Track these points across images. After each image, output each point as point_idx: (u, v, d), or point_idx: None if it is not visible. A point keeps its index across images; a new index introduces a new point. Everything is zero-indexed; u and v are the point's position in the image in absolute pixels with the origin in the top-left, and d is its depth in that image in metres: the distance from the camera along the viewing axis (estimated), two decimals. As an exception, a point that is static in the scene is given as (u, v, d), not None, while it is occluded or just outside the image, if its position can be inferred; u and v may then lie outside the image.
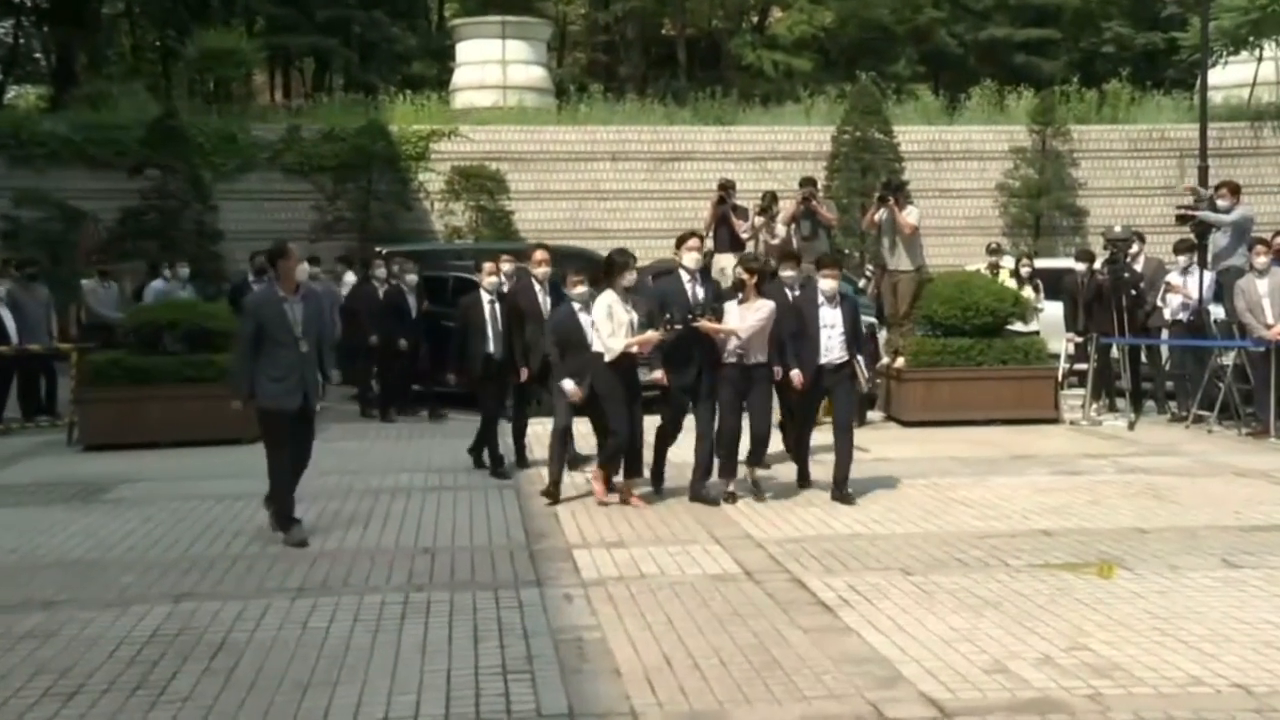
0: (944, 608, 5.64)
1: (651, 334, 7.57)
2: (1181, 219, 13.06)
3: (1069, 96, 21.96)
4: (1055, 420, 11.26)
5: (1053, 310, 13.31)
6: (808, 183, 13.80)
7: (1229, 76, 21.46)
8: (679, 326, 7.54)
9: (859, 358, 8.02)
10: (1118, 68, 23.63)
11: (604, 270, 7.81)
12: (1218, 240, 12.72)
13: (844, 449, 7.92)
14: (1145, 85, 23.22)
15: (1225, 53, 21.11)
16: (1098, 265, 12.57)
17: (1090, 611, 5.54)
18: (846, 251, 13.33)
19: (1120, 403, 12.30)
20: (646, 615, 5.55)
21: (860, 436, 9.07)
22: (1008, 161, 20.59)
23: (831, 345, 7.97)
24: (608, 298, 7.61)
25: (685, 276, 7.87)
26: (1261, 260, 11.22)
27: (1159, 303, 12.54)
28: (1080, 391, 12.32)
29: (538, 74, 23.02)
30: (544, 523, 7.51)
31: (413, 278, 12.65)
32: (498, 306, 9.11)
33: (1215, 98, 20.01)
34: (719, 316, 7.74)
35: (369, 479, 8.92)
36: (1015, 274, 14.32)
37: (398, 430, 11.64)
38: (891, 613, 5.53)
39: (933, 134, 21.18)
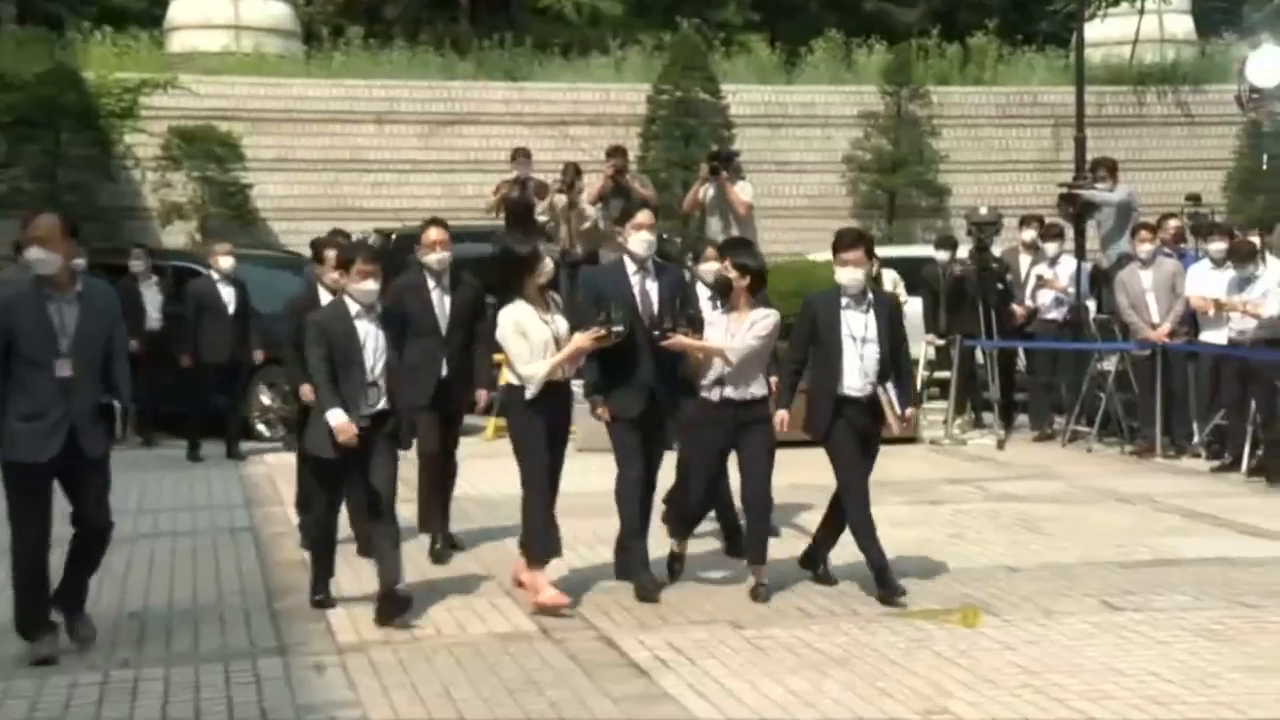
0: (781, 667, 5.78)
1: (580, 339, 6.68)
2: (1067, 198, 13.84)
3: (928, 52, 22.94)
4: (912, 439, 11.74)
5: (910, 308, 13.87)
6: (618, 153, 14.02)
7: (1109, 32, 22.81)
8: (620, 329, 6.66)
9: (889, 389, 6.92)
10: (984, 19, 24.80)
11: (503, 271, 6.80)
12: (1103, 224, 13.54)
13: (834, 527, 7.10)
14: (1015, 40, 24.46)
15: (1104, 3, 22.45)
16: (961, 254, 13.18)
17: (952, 666, 5.78)
18: (665, 236, 13.51)
19: (988, 417, 12.93)
20: (419, 686, 5.52)
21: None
22: (857, 129, 21.33)
23: (863, 368, 6.87)
24: (514, 313, 6.67)
25: (631, 267, 7.06)
26: (1145, 249, 11.97)
27: (1028, 300, 13.24)
28: (942, 404, 12.88)
29: (280, 12, 22.54)
30: (290, 574, 7.40)
31: (139, 264, 12.96)
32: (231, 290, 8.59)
33: (1094, 57, 21.24)
34: (698, 329, 6.86)
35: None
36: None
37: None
38: (719, 675, 5.64)
39: (768, 95, 21.77)
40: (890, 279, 12.67)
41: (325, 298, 7.60)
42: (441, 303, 7.73)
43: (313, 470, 6.95)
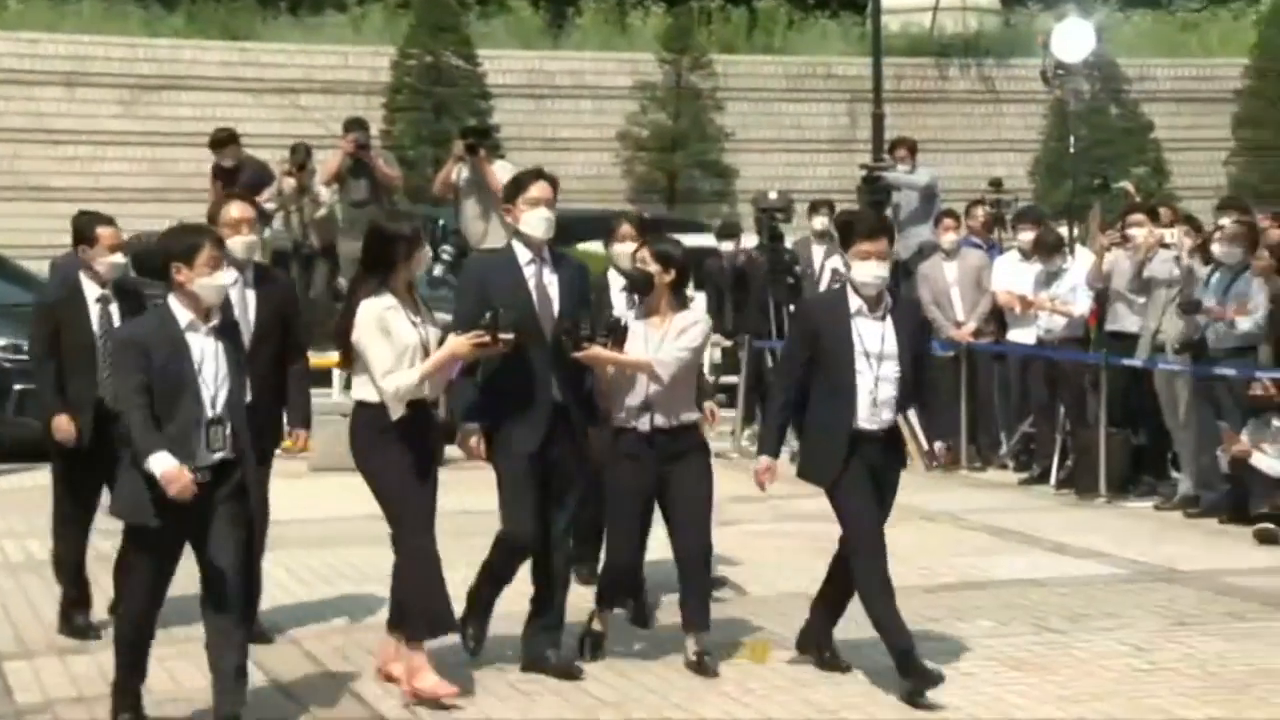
0: (546, 710, 5.84)
1: (457, 342, 5.97)
2: (870, 180, 14.27)
3: (710, 16, 23.37)
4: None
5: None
6: (358, 126, 13.86)
7: (907, -1, 23.67)
8: (508, 336, 5.94)
9: (910, 416, 6.33)
10: (773, -20, 25.42)
11: (369, 255, 6.12)
12: (903, 210, 14.00)
13: (838, 596, 6.41)
14: (807, 5, 25.14)
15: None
16: (748, 243, 13.47)
17: (738, 707, 5.93)
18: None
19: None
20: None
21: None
22: (632, 102, 21.58)
23: (881, 394, 6.12)
24: (378, 307, 5.96)
25: (524, 256, 6.33)
26: (950, 238, 12.45)
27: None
28: (730, 413, 13.12)
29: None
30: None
31: None
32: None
33: (891, 25, 22.00)
34: (619, 338, 6.25)
35: None
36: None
37: None
38: (477, 730, 5.59)
39: (532, 62, 21.85)
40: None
41: (92, 292, 6.92)
42: (243, 302, 6.60)
43: (129, 546, 5.66)
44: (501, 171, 12.58)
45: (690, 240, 15.81)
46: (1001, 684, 6.27)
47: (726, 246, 13.47)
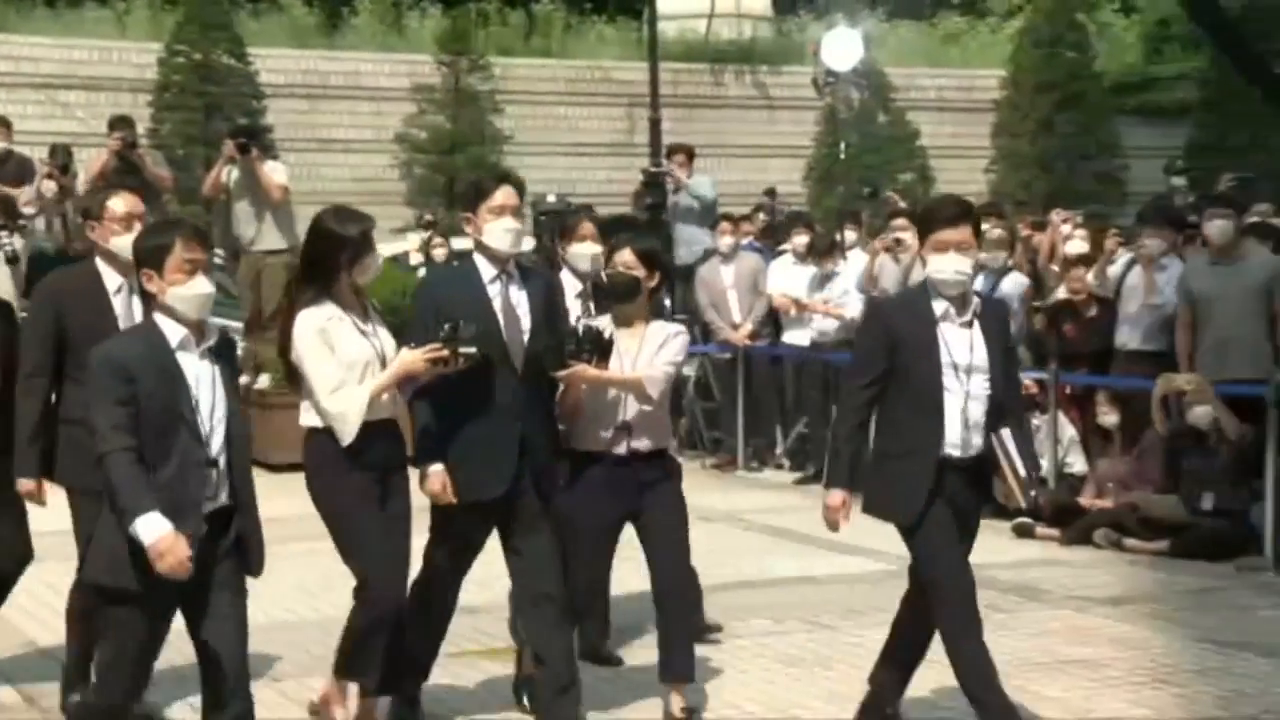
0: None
1: (410, 357, 5.27)
2: (648, 185, 14.36)
3: (487, 19, 23.31)
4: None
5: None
6: (124, 124, 13.43)
7: (684, 5, 23.96)
8: (469, 351, 5.26)
9: (1006, 440, 5.36)
10: (551, -16, 25.48)
11: (309, 257, 5.47)
12: (681, 216, 14.15)
13: (908, 654, 5.63)
14: (584, 9, 25.25)
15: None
16: (527, 246, 13.46)
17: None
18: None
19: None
20: None
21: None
22: (410, 104, 21.40)
23: (970, 413, 5.29)
24: (318, 317, 5.28)
25: (487, 271, 5.60)
26: (727, 241, 12.64)
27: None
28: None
29: None
30: None
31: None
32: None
33: (668, 31, 22.24)
34: (604, 355, 5.52)
35: None
36: (427, 258, 14.96)
37: None
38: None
39: (306, 62, 21.50)
40: None
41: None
42: (129, 310, 5.70)
43: (105, 619, 4.72)
44: (273, 172, 12.34)
45: (459, 244, 15.83)
46: (776, 681, 6.37)
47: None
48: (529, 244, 13.40)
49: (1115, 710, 5.98)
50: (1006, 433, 5.32)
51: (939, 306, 5.28)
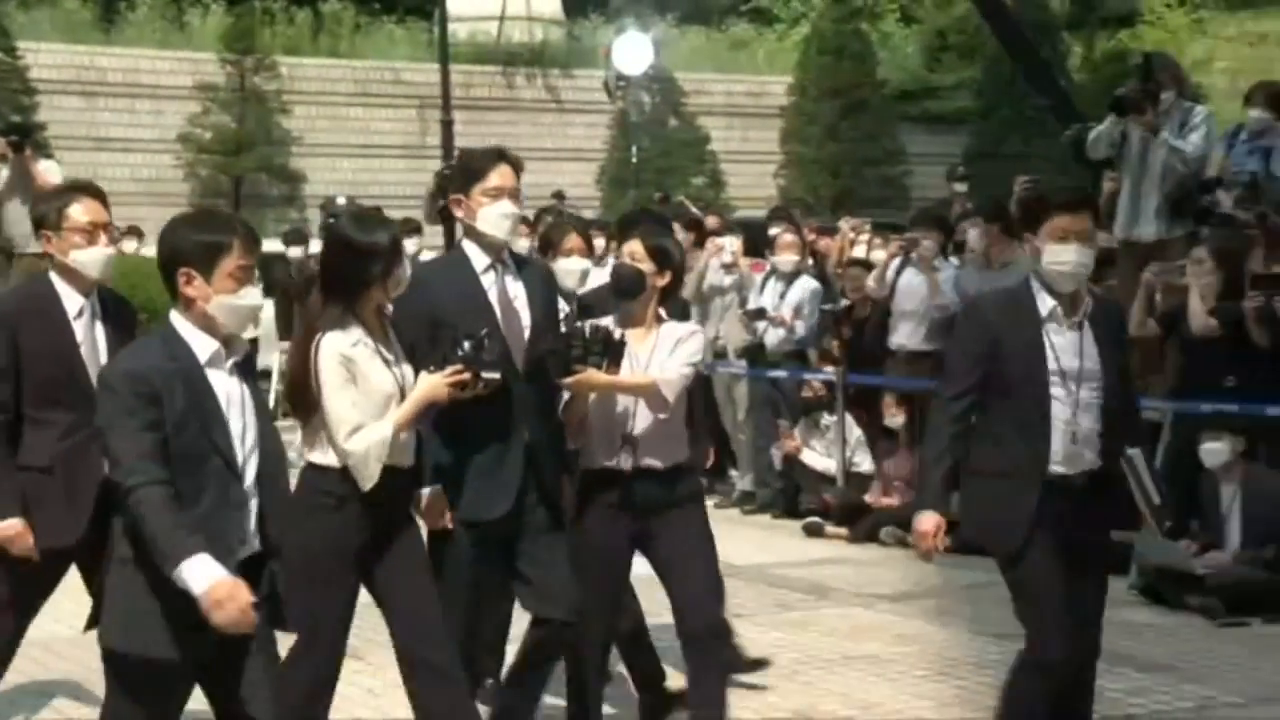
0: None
1: (432, 383, 4.57)
2: (444, 188, 14.27)
3: (274, 17, 22.92)
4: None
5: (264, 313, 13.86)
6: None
7: (475, 7, 23.87)
8: (493, 376, 4.62)
9: (1136, 460, 4.86)
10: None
11: (330, 273, 4.63)
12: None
13: None
14: (374, 9, 24.99)
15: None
16: (316, 249, 13.29)
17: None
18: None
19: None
20: None
21: None
22: (194, 103, 20.93)
23: (1081, 427, 4.68)
24: (341, 343, 4.52)
25: (480, 263, 4.97)
26: (523, 245, 12.60)
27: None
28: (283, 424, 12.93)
29: None
30: None
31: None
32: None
33: (459, 33, 22.14)
34: (616, 357, 4.88)
35: None
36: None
37: None
38: None
39: (82, 58, 20.86)
40: None
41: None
42: (92, 337, 4.99)
43: (119, 691, 3.86)
44: (47, 172, 11.89)
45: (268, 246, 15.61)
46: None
47: (295, 252, 13.41)
48: (295, 250, 13.33)
49: (898, 703, 6.13)
50: (1138, 453, 4.80)
51: (1045, 305, 4.68)
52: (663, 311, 5.09)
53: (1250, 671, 6.63)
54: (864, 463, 10.26)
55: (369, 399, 4.48)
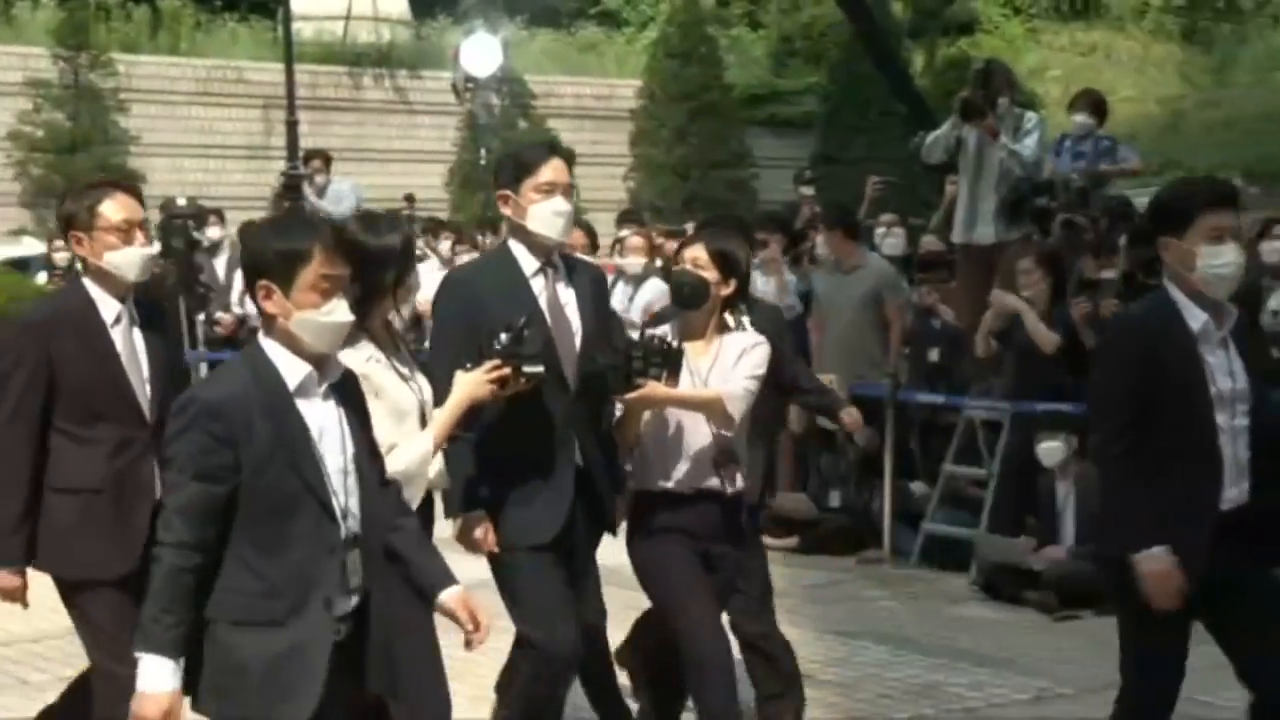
0: None
1: (470, 381, 4.25)
2: (289, 189, 14.13)
3: (109, 13, 22.42)
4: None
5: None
6: None
7: (320, 6, 23.60)
8: (536, 370, 4.28)
9: None
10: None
11: (365, 279, 4.10)
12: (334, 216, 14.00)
13: None
14: (215, 7, 24.58)
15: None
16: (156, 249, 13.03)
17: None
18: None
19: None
20: None
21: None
22: (24, 100, 20.40)
23: (1239, 457, 4.23)
24: (356, 359, 4.06)
25: (529, 264, 4.63)
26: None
27: (235, 306, 13.39)
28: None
29: None
30: None
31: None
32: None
33: (304, 32, 21.87)
34: (674, 368, 4.55)
35: None
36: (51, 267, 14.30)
37: None
38: None
39: (-97, 51, 20.21)
40: None
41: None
42: (131, 345, 4.65)
43: None
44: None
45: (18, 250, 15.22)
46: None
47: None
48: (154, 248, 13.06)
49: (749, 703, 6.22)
50: None
51: (1195, 320, 4.15)
52: (730, 319, 4.79)
53: (1083, 664, 6.86)
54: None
55: (390, 418, 4.08)
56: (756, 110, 25.15)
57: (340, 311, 3.43)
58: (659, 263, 11.48)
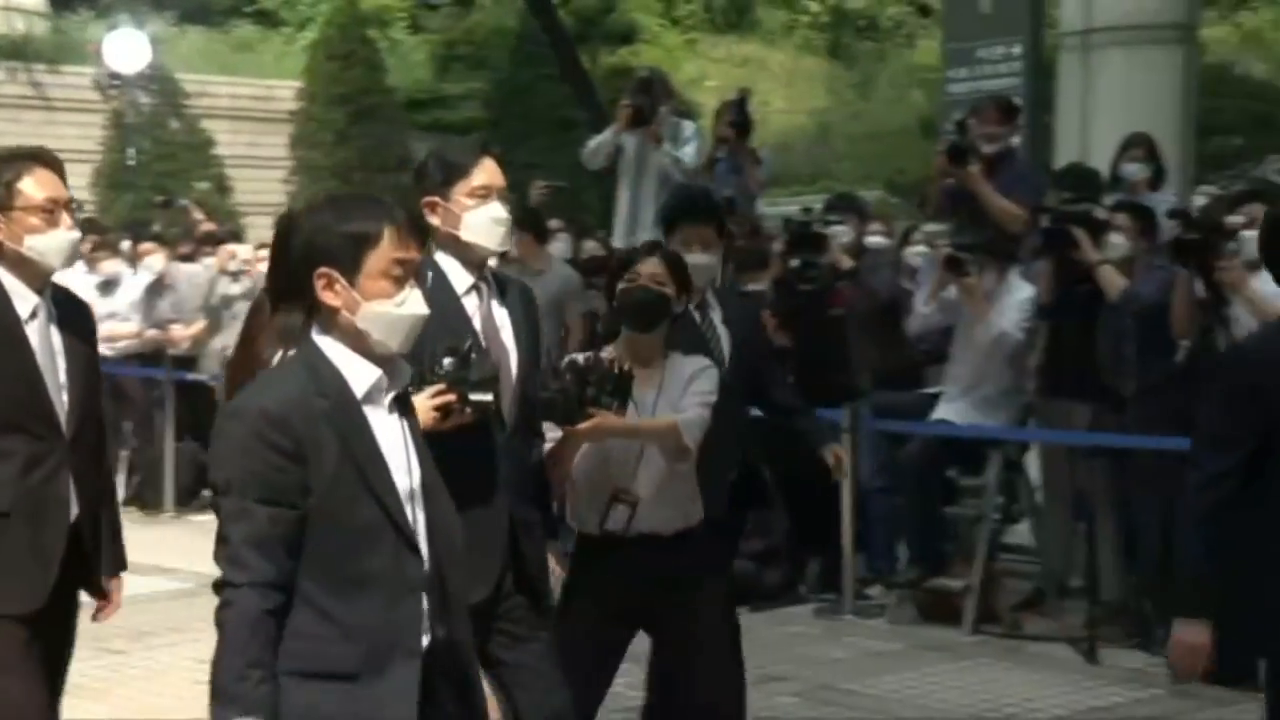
0: None
1: (416, 405, 3.41)
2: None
3: None
4: None
5: None
6: None
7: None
8: (484, 398, 3.71)
9: None
10: None
11: (296, 274, 3.31)
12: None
13: None
14: None
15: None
16: None
17: None
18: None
19: None
20: None
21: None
22: None
23: None
24: None
25: (461, 281, 4.02)
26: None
27: None
28: None
29: None
30: None
31: None
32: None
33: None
34: (623, 395, 4.00)
35: None
36: None
37: None
38: None
39: None
40: None
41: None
42: (49, 345, 4.04)
43: None
44: None
45: None
46: (66, 712, 6.07)
47: None
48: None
49: None
50: None
51: None
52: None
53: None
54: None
55: None
56: (420, 115, 25.02)
57: (414, 302, 2.93)
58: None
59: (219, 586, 2.79)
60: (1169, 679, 6.18)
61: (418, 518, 2.93)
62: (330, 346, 2.89)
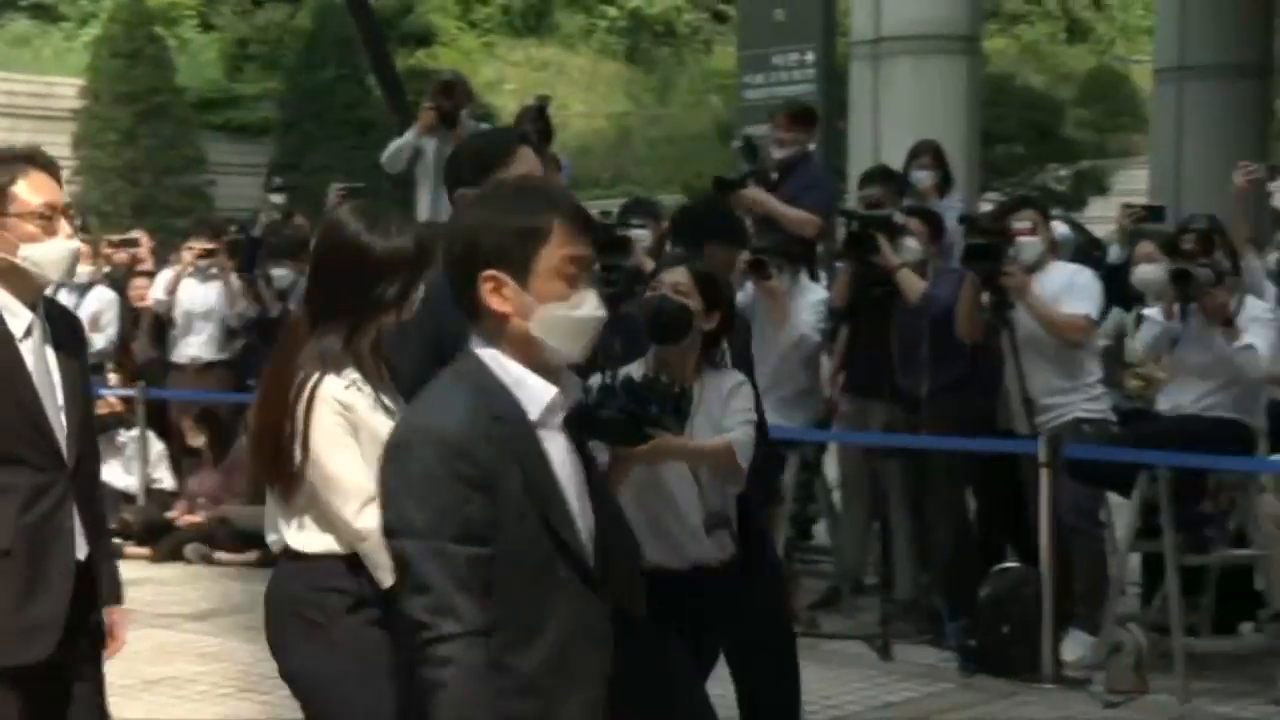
0: None
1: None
2: None
3: None
4: None
5: None
6: None
7: None
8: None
9: None
10: None
11: (326, 289, 3.26)
12: None
13: None
14: None
15: None
16: None
17: None
18: None
19: None
20: None
21: None
22: None
23: None
24: (337, 388, 3.20)
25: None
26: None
27: None
28: None
29: None
30: None
31: None
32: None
33: None
34: (682, 413, 3.42)
35: None
36: None
37: None
38: None
39: None
40: None
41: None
42: (45, 365, 3.63)
43: None
44: None
45: None
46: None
47: None
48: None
49: (202, 724, 6.04)
50: None
51: None
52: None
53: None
54: (165, 479, 10.02)
55: (369, 462, 3.08)
56: (211, 115, 24.53)
57: (591, 304, 2.60)
58: (106, 270, 11.00)
59: (420, 640, 2.43)
60: (958, 674, 6.42)
61: (595, 548, 2.65)
62: (494, 360, 2.57)
